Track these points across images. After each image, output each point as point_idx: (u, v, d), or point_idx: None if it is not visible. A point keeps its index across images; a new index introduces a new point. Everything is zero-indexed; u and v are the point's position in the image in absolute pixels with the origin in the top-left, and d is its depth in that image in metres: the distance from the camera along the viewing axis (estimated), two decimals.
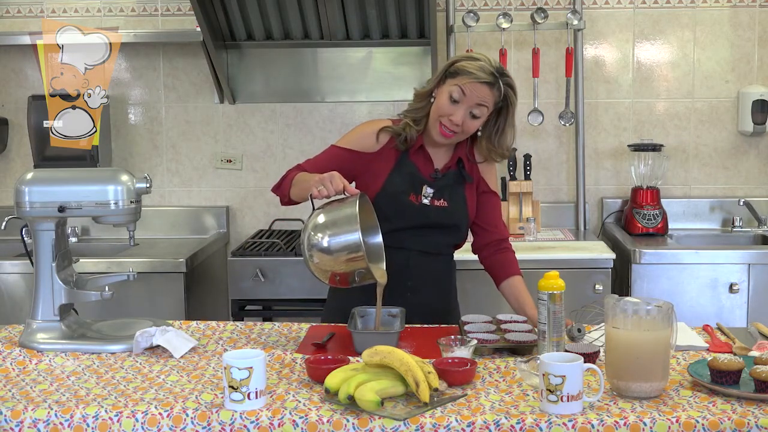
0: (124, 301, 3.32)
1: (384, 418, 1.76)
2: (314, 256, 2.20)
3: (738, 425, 1.73)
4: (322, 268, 2.21)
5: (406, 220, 2.52)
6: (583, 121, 4.04)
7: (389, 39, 4.02)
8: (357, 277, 2.21)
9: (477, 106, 2.44)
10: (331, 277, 2.23)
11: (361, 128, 2.61)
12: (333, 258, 2.18)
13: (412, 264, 2.55)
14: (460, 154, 2.58)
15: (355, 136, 2.58)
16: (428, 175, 2.56)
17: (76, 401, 1.88)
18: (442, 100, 2.46)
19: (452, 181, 2.57)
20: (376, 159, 2.55)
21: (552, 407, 1.77)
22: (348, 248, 2.17)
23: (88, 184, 2.29)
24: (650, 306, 1.91)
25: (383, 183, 2.52)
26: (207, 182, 4.21)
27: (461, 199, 2.58)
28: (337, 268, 2.20)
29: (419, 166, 2.55)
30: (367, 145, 2.55)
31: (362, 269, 2.18)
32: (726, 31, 4.04)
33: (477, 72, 2.42)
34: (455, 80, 2.44)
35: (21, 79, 4.17)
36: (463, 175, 2.58)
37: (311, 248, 2.19)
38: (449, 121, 2.45)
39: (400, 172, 2.54)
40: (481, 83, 2.42)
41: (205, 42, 3.83)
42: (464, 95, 2.43)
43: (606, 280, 3.46)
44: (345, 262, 2.18)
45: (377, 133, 2.55)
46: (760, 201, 4.05)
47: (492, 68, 2.45)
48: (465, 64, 2.45)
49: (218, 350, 2.26)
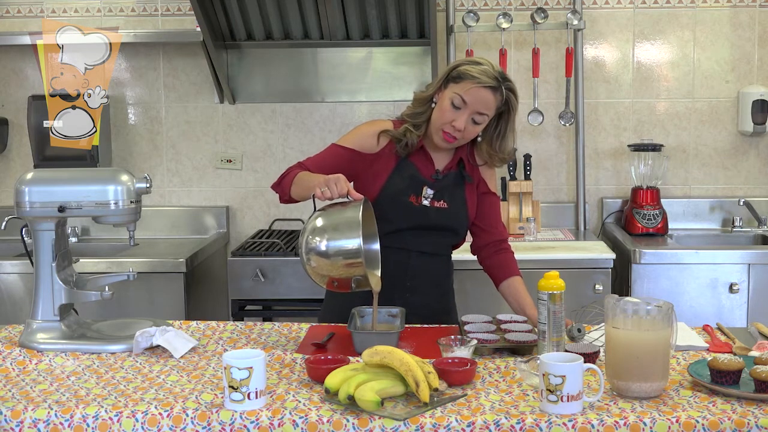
0: (124, 301, 3.33)
1: (384, 418, 1.76)
2: (312, 259, 2.17)
3: (738, 425, 1.73)
4: (319, 273, 2.19)
5: (406, 221, 2.52)
6: (583, 121, 4.04)
7: (389, 39, 4.02)
8: (354, 283, 2.20)
9: (479, 112, 2.44)
10: (328, 282, 2.22)
11: (363, 128, 2.60)
12: (330, 263, 2.16)
13: (412, 264, 2.55)
14: (461, 154, 2.58)
15: (357, 136, 2.58)
16: (429, 176, 2.56)
17: (76, 401, 1.88)
18: (445, 106, 2.45)
19: (452, 182, 2.57)
20: (377, 160, 2.54)
21: (552, 407, 1.77)
22: (347, 254, 2.14)
23: (88, 184, 2.29)
24: (650, 306, 1.91)
25: (383, 184, 2.52)
26: (207, 182, 4.21)
27: (461, 200, 2.58)
28: (334, 273, 2.18)
29: (419, 167, 2.55)
30: (368, 146, 2.55)
31: (359, 276, 2.17)
32: (726, 31, 4.04)
33: (480, 76, 2.42)
34: (457, 86, 2.43)
35: (21, 79, 4.17)
36: (464, 176, 2.58)
37: (309, 252, 2.17)
38: (452, 127, 2.45)
39: (401, 173, 2.53)
40: (484, 87, 2.42)
41: (205, 42, 3.83)
42: (465, 103, 2.42)
43: (606, 280, 3.46)
44: (343, 267, 2.16)
45: (378, 134, 2.55)
46: (760, 201, 4.05)
47: (495, 72, 2.44)
48: (468, 68, 2.44)
49: (218, 350, 2.26)
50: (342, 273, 2.17)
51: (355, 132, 2.61)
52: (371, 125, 2.60)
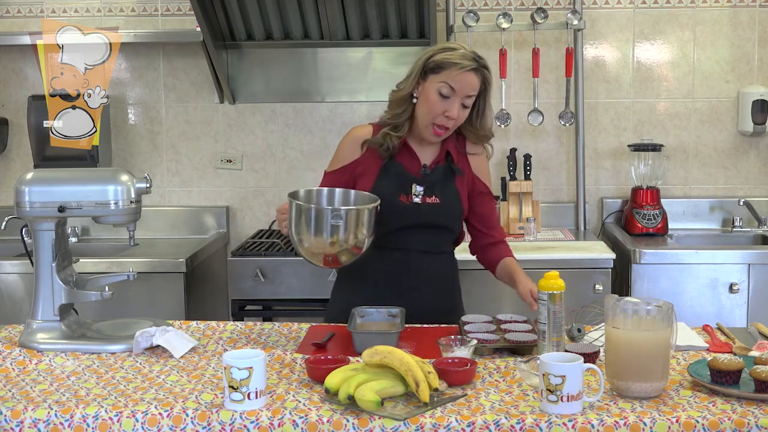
0: (124, 301, 3.32)
1: (384, 418, 1.76)
2: (303, 239, 2.25)
3: (738, 425, 1.73)
4: (312, 251, 2.26)
5: (399, 221, 2.51)
6: (583, 121, 4.04)
7: (389, 39, 4.02)
8: (345, 251, 2.25)
9: (467, 96, 2.43)
10: (323, 258, 2.28)
11: (342, 144, 2.61)
12: (316, 230, 2.23)
13: (413, 264, 2.54)
14: (447, 147, 2.57)
15: (340, 153, 2.60)
16: (416, 172, 2.54)
17: (76, 401, 1.88)
18: (432, 98, 2.43)
19: (442, 176, 2.55)
20: (362, 163, 2.55)
21: (552, 407, 1.77)
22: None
23: (88, 184, 2.29)
24: (650, 306, 1.91)
25: (371, 187, 2.51)
26: (207, 182, 4.21)
27: (454, 193, 2.56)
28: (323, 244, 2.24)
29: (405, 165, 2.54)
30: (352, 155, 2.56)
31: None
32: (726, 31, 4.04)
33: (462, 61, 2.40)
34: (440, 76, 2.41)
35: (21, 79, 4.17)
36: (453, 169, 2.56)
37: (300, 233, 2.24)
38: (445, 117, 2.43)
39: (387, 173, 2.53)
40: (468, 71, 2.40)
41: (205, 42, 3.83)
42: (454, 90, 2.41)
43: (606, 280, 3.46)
44: (330, 233, 2.22)
45: (360, 140, 2.56)
46: (760, 201, 4.05)
47: (471, 54, 2.43)
48: (446, 56, 2.42)
49: (218, 350, 2.26)
50: (333, 241, 2.22)
51: (337, 152, 2.62)
52: (349, 136, 2.61)
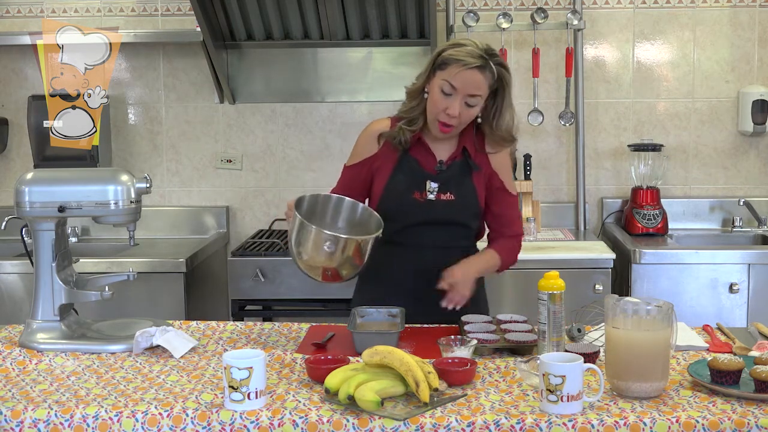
0: (124, 301, 3.31)
1: (384, 418, 1.76)
2: (302, 252, 2.24)
3: (738, 425, 1.73)
4: (311, 264, 2.25)
5: (413, 218, 2.50)
6: (583, 121, 4.04)
7: (389, 39, 4.02)
8: (345, 266, 2.24)
9: (471, 95, 2.40)
10: (322, 273, 2.26)
11: (360, 138, 2.61)
12: (314, 245, 2.22)
13: (428, 259, 2.50)
14: (464, 142, 2.53)
15: (358, 148, 2.59)
16: (431, 168, 2.52)
17: (76, 401, 1.88)
18: (435, 94, 2.42)
19: (458, 172, 2.52)
20: (379, 158, 2.54)
21: (552, 407, 1.77)
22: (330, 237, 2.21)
23: (88, 184, 2.29)
24: (650, 306, 1.91)
25: (386, 183, 2.51)
26: (207, 182, 4.21)
27: (470, 190, 2.52)
28: (323, 258, 2.23)
29: (420, 161, 2.52)
30: (370, 149, 2.56)
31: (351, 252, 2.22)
32: (726, 31, 4.04)
33: (466, 58, 2.37)
34: (444, 72, 2.40)
35: (21, 79, 4.17)
36: (470, 165, 2.53)
37: (299, 245, 2.24)
38: (446, 115, 2.42)
39: (402, 169, 2.52)
40: (471, 69, 2.37)
41: (205, 42, 3.83)
42: (454, 88, 2.39)
43: (606, 280, 3.46)
44: (329, 247, 2.21)
45: (377, 134, 2.55)
46: (760, 201, 4.05)
47: (480, 51, 2.39)
48: (452, 52, 2.40)
49: (218, 350, 2.26)
50: (333, 255, 2.21)
51: (355, 146, 2.61)
52: (367, 130, 2.60)
